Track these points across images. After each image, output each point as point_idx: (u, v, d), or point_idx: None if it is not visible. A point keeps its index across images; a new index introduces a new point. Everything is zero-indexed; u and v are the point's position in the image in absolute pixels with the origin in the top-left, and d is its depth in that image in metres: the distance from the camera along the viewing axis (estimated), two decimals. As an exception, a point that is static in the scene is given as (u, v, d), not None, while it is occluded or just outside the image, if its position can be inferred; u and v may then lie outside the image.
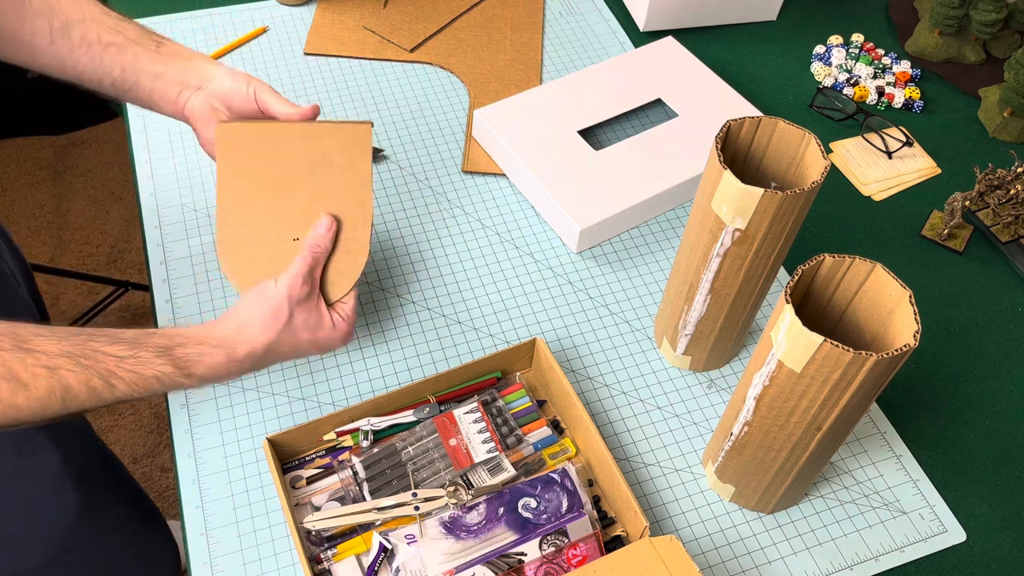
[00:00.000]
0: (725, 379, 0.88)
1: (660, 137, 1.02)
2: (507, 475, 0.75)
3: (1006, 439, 0.86)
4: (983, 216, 1.02)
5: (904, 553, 0.78)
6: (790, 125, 0.72)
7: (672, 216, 1.01)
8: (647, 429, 0.84)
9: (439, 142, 1.06)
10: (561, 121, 1.03)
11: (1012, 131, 1.12)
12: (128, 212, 2.03)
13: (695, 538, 0.77)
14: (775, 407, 0.67)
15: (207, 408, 0.82)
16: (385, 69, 1.14)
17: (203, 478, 0.78)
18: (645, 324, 0.91)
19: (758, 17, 1.26)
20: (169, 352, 0.67)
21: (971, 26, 1.19)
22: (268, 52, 1.14)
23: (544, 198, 0.97)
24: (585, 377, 0.87)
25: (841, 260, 0.65)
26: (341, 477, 0.76)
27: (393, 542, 0.70)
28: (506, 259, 0.96)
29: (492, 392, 0.81)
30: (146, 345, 0.66)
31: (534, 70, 1.16)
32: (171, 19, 1.16)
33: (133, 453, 1.68)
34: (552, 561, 0.70)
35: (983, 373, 0.91)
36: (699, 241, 0.75)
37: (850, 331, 0.69)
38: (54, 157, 2.13)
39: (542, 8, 1.25)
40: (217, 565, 0.73)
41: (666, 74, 1.10)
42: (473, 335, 0.89)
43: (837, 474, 0.82)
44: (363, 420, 0.78)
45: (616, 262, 0.97)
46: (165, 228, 0.95)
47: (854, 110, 1.12)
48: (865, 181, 1.07)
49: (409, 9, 1.21)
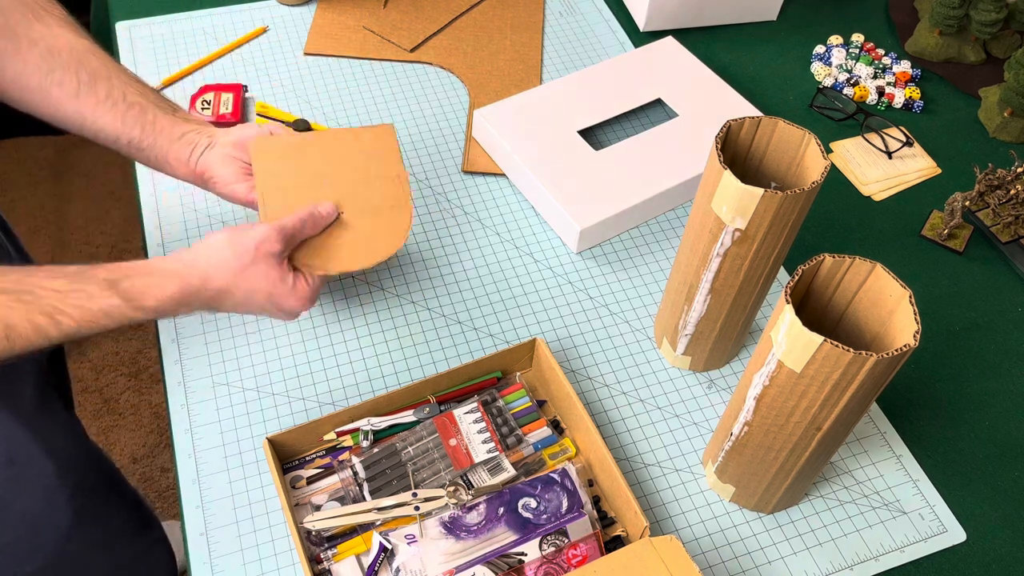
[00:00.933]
0: (725, 379, 0.88)
1: (660, 137, 1.02)
2: (507, 475, 0.75)
3: (1006, 439, 0.86)
4: (983, 216, 1.02)
5: (904, 553, 0.78)
6: (790, 125, 0.72)
7: (672, 216, 1.01)
8: (647, 429, 0.84)
9: (439, 142, 1.06)
10: (561, 121, 1.03)
11: (1012, 131, 1.12)
12: (128, 212, 2.03)
13: (695, 538, 0.77)
14: (775, 407, 0.67)
15: (207, 408, 0.82)
16: (385, 69, 1.14)
17: (203, 478, 0.78)
18: (645, 324, 0.91)
19: (758, 17, 1.26)
20: (116, 285, 0.65)
21: (971, 26, 1.19)
22: (268, 52, 1.14)
23: (544, 198, 0.97)
24: (585, 377, 0.87)
25: (841, 260, 0.65)
26: (341, 477, 0.76)
27: (393, 542, 0.70)
28: (506, 259, 0.96)
29: (492, 392, 0.81)
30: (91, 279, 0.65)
31: (534, 70, 1.16)
32: (171, 19, 1.16)
33: (133, 453, 1.68)
34: (552, 561, 0.70)
35: (983, 373, 0.91)
36: (699, 241, 0.75)
37: (850, 331, 0.69)
38: (54, 157, 2.13)
39: (542, 8, 1.25)
40: (217, 565, 0.73)
41: (666, 74, 1.10)
42: (473, 335, 0.89)
43: (837, 474, 0.82)
44: (363, 420, 0.78)
45: (616, 262, 0.97)
46: (165, 228, 0.95)
47: (854, 110, 1.12)
48: (865, 181, 1.07)
49: (409, 9, 1.21)
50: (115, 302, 0.65)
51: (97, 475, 0.95)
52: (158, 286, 0.67)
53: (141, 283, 0.67)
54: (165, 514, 1.60)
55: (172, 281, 0.68)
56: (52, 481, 0.85)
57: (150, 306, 0.67)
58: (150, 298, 0.67)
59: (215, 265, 0.70)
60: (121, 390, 1.76)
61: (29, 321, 0.62)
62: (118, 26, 1.15)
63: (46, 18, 0.78)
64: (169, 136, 0.80)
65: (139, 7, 1.17)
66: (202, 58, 1.11)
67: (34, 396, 0.83)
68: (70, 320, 0.64)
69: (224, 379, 0.84)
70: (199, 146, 0.81)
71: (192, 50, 1.13)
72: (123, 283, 0.66)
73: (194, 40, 1.14)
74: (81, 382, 1.76)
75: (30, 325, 0.62)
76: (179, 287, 0.68)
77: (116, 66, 0.80)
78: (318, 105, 1.08)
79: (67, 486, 0.87)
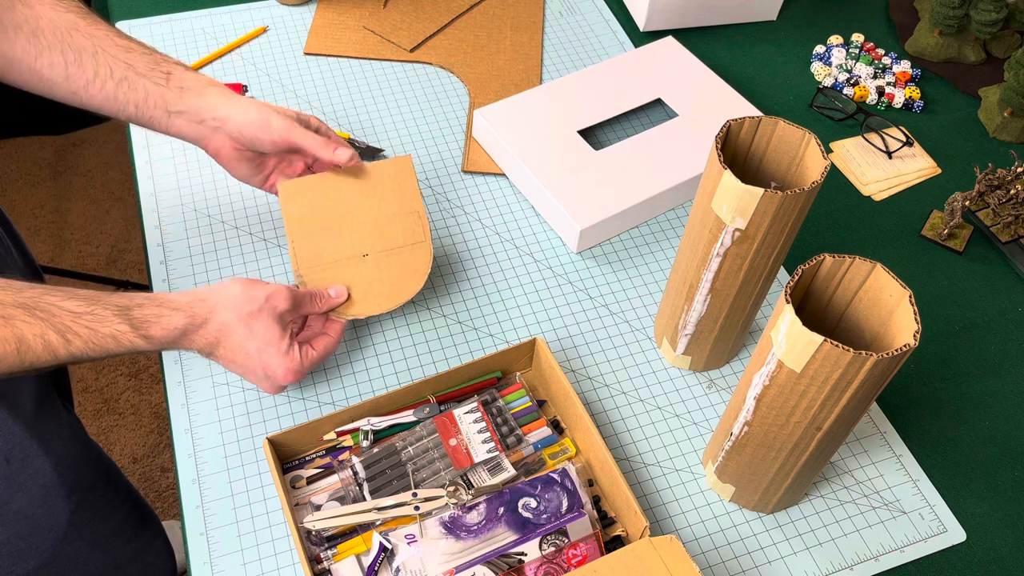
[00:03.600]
0: (725, 379, 0.88)
1: (660, 137, 1.02)
2: (507, 475, 0.75)
3: (1006, 439, 0.86)
4: (983, 216, 1.02)
5: (904, 553, 0.78)
6: (790, 125, 0.72)
7: (672, 216, 1.01)
8: (647, 429, 0.84)
9: (439, 142, 1.06)
10: (561, 121, 1.03)
11: (1012, 131, 1.12)
12: (128, 212, 2.04)
13: (695, 538, 0.77)
14: (775, 407, 0.67)
15: (207, 408, 0.82)
16: (385, 69, 1.14)
17: (203, 478, 0.78)
18: (645, 324, 0.91)
19: (758, 17, 1.26)
20: (127, 312, 0.67)
21: (971, 26, 1.19)
22: (268, 52, 1.14)
23: (544, 198, 0.97)
24: (585, 377, 0.87)
25: (841, 260, 0.65)
26: (341, 477, 0.76)
27: (393, 542, 0.70)
28: (506, 259, 0.96)
29: (492, 392, 0.81)
30: (104, 303, 0.66)
31: (534, 70, 1.16)
32: (171, 19, 1.16)
33: (133, 453, 1.68)
34: (552, 561, 0.70)
35: (983, 373, 0.91)
36: (699, 241, 0.75)
37: (850, 331, 0.69)
38: (54, 157, 2.13)
39: (542, 8, 1.25)
40: (217, 565, 0.73)
41: (666, 74, 1.10)
42: (473, 335, 0.89)
43: (837, 474, 0.82)
44: (363, 420, 0.78)
45: (616, 262, 0.97)
46: (165, 228, 0.95)
47: (854, 110, 1.12)
48: (865, 181, 1.07)
49: (409, 9, 1.21)
50: (123, 328, 0.67)
51: (95, 473, 0.95)
52: (167, 316, 0.69)
53: (151, 312, 0.68)
54: (165, 514, 1.60)
55: (180, 314, 0.70)
56: (50, 479, 0.85)
57: (156, 336, 0.68)
58: (157, 327, 0.68)
59: (223, 303, 0.72)
60: (121, 390, 1.76)
61: (41, 337, 0.63)
62: (118, 26, 1.15)
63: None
64: (165, 113, 0.80)
65: (139, 7, 1.17)
66: (202, 58, 1.11)
67: (34, 394, 0.83)
68: (79, 340, 0.65)
69: (224, 379, 0.84)
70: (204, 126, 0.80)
71: (192, 50, 1.13)
72: (134, 311, 0.68)
73: (194, 40, 1.14)
74: (81, 382, 1.76)
75: (41, 341, 0.63)
76: (186, 320, 0.70)
77: (104, 38, 0.78)
78: (318, 105, 1.08)
79: (65, 484, 0.87)
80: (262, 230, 0.95)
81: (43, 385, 0.86)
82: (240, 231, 0.95)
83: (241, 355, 0.73)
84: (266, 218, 0.96)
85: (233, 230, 0.95)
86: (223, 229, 0.95)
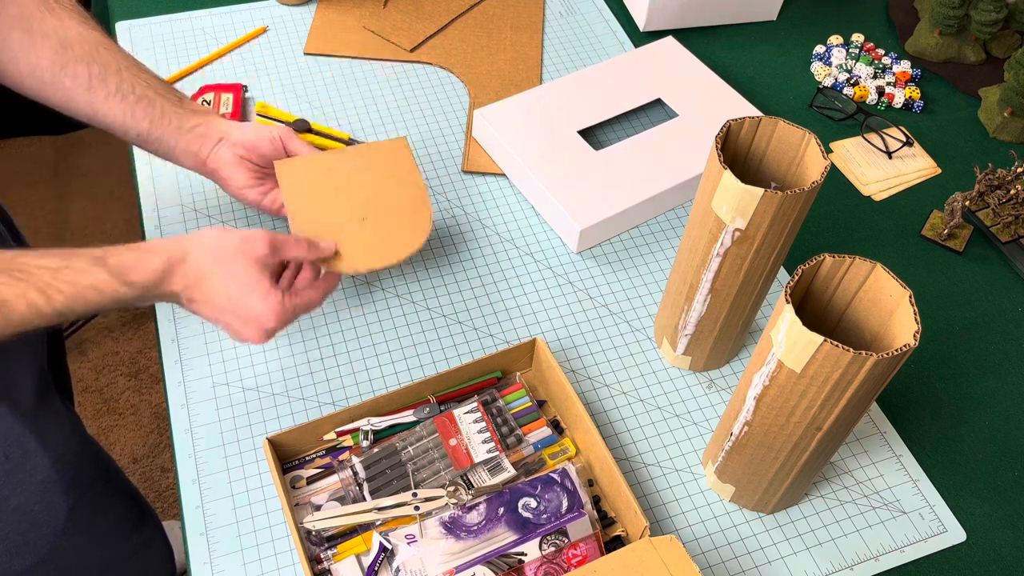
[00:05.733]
0: (725, 379, 0.88)
1: (660, 137, 1.02)
2: (507, 475, 0.75)
3: (1006, 439, 0.86)
4: (983, 216, 1.02)
5: (904, 553, 0.78)
6: (790, 125, 0.72)
7: (672, 216, 1.01)
8: (647, 429, 0.84)
9: (439, 142, 1.06)
10: (561, 121, 1.03)
11: (1012, 131, 1.12)
12: (128, 212, 2.04)
13: (695, 538, 0.77)
14: (775, 407, 0.67)
15: (207, 408, 0.82)
16: (385, 69, 1.14)
17: (203, 478, 0.78)
18: (645, 324, 0.91)
19: (758, 17, 1.26)
20: (104, 260, 0.67)
21: (971, 26, 1.19)
22: (268, 52, 1.14)
23: (544, 198, 0.97)
24: (585, 377, 0.87)
25: (841, 260, 0.65)
26: (341, 477, 0.76)
27: (393, 542, 0.70)
28: (506, 259, 0.96)
29: (492, 392, 0.81)
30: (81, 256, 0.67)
31: (534, 70, 1.16)
32: (171, 19, 1.16)
33: (133, 453, 1.68)
34: (552, 561, 0.70)
35: (983, 373, 0.91)
36: (699, 241, 0.75)
37: (850, 331, 0.69)
38: (54, 157, 2.13)
39: (542, 8, 1.25)
40: (217, 565, 0.73)
41: (666, 74, 1.10)
42: (473, 335, 0.89)
43: (837, 474, 0.82)
44: (363, 420, 0.78)
45: (616, 262, 0.97)
46: (165, 228, 0.95)
47: (854, 110, 1.12)
48: (865, 181, 1.07)
49: (409, 9, 1.21)
50: (104, 276, 0.67)
51: (94, 470, 0.95)
52: (145, 260, 0.69)
53: (129, 257, 0.68)
54: (165, 514, 1.60)
55: (158, 256, 0.69)
56: (48, 475, 0.85)
57: (137, 281, 0.68)
58: (136, 272, 0.68)
59: (200, 246, 0.71)
60: (121, 390, 1.76)
61: (23, 297, 0.63)
62: (118, 26, 1.15)
63: (58, 10, 0.79)
64: (177, 130, 0.82)
65: (139, 7, 1.17)
66: (202, 58, 1.11)
67: (33, 391, 0.83)
68: (61, 296, 0.65)
69: (224, 379, 0.84)
70: (208, 140, 0.83)
71: (192, 50, 1.13)
72: (111, 259, 0.68)
73: (194, 40, 1.14)
74: (81, 382, 1.76)
75: (24, 301, 0.63)
76: (164, 261, 0.69)
77: (126, 58, 0.82)
78: (318, 105, 1.08)
79: (64, 480, 0.87)
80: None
81: (43, 381, 0.86)
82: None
83: (220, 297, 0.71)
84: (266, 219, 0.96)
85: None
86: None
